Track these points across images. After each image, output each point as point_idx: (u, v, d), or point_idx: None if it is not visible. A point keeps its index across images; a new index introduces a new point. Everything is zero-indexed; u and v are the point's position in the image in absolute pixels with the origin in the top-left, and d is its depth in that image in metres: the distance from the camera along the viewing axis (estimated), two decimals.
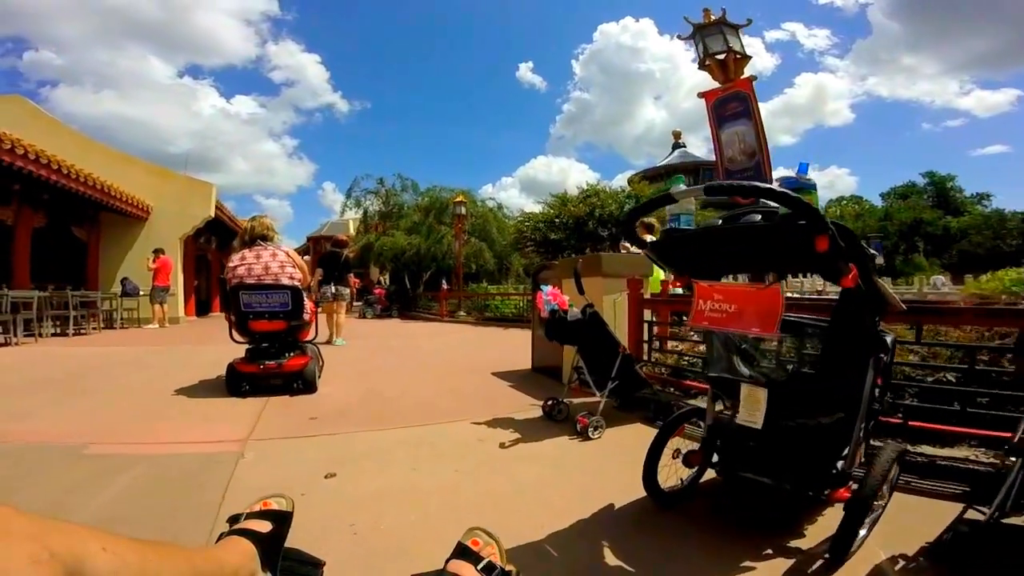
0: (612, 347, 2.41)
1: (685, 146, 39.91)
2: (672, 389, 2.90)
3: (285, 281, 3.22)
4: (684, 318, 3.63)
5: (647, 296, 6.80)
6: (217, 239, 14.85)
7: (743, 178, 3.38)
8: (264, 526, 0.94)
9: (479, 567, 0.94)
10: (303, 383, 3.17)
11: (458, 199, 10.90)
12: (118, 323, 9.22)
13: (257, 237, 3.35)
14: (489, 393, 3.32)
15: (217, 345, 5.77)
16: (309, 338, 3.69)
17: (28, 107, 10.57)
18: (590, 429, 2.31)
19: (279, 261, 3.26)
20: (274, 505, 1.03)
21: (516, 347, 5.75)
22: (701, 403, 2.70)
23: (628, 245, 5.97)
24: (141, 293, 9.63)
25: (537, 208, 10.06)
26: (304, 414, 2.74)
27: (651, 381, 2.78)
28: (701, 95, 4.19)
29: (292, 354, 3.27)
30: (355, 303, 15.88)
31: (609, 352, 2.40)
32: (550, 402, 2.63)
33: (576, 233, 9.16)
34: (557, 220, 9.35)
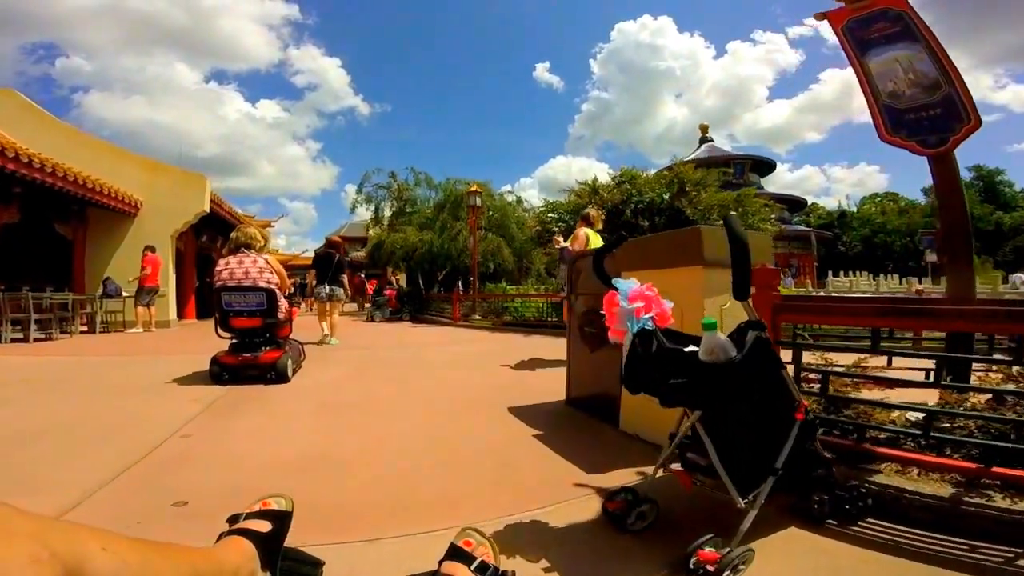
0: (785, 408, 1.14)
1: (713, 140, 38.11)
2: (829, 454, 1.62)
3: (261, 284, 3.56)
4: (800, 333, 2.35)
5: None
6: (222, 238, 14.02)
7: (926, 119, 2.12)
8: (264, 526, 0.91)
9: (472, 567, 0.93)
10: (276, 374, 3.46)
11: (472, 189, 9.68)
12: (99, 327, 8.33)
13: (241, 245, 3.69)
14: (503, 454, 2.07)
15: (186, 356, 4.85)
16: (287, 335, 3.93)
17: (18, 100, 9.89)
18: (727, 574, 1.05)
19: (258, 267, 3.60)
20: (273, 505, 1.00)
21: (541, 363, 4.50)
22: (911, 484, 1.41)
23: (560, 239, 4.81)
24: (125, 294, 8.75)
25: (563, 197, 8.75)
26: (177, 491, 1.57)
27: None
28: (820, 16, 2.86)
29: (267, 348, 3.59)
30: (366, 305, 14.97)
31: (778, 418, 1.13)
32: (621, 497, 1.38)
33: (609, 223, 7.84)
34: (586, 210, 8.07)
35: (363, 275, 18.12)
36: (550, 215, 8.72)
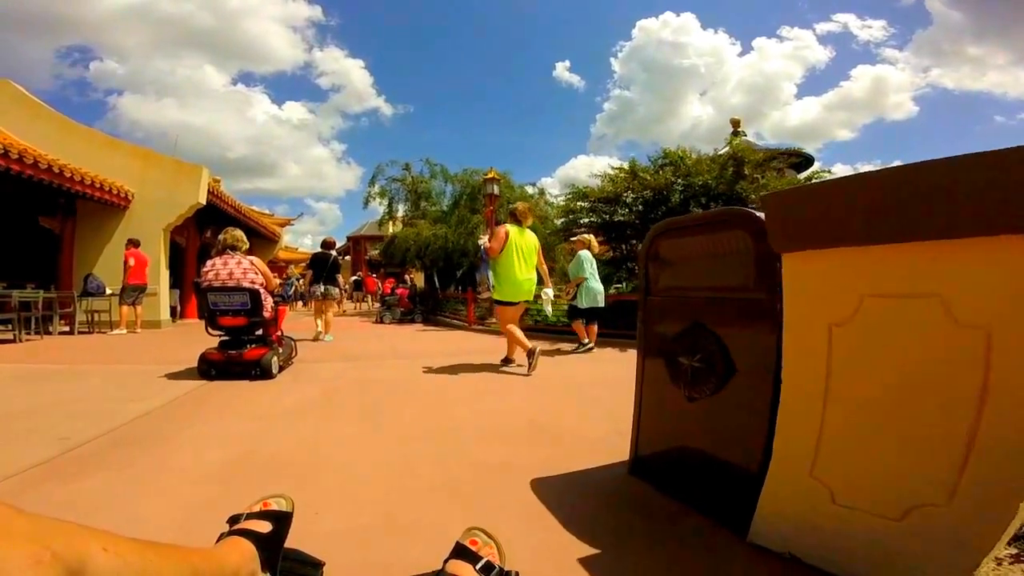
0: None
1: (745, 134, 36.23)
2: None
3: (246, 284, 3.69)
4: None
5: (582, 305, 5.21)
6: None
7: None
8: (264, 526, 0.90)
9: (478, 567, 0.91)
10: (260, 370, 3.56)
11: (489, 175, 8.58)
12: (78, 327, 7.58)
13: (227, 247, 3.83)
14: None
15: (146, 366, 4.13)
16: (277, 332, 4.02)
17: (12, 91, 9.29)
18: None
19: (242, 268, 3.74)
20: (274, 505, 0.99)
21: (576, 387, 3.36)
22: None
23: (484, 238, 4.45)
24: (109, 292, 7.98)
25: (595, 183, 7.48)
26: None
27: None
28: None
29: (253, 346, 3.69)
30: (374, 304, 14.07)
31: None
32: None
33: (655, 210, 6.64)
34: (626, 195, 6.86)
35: (375, 275, 17.25)
36: (579, 204, 7.52)
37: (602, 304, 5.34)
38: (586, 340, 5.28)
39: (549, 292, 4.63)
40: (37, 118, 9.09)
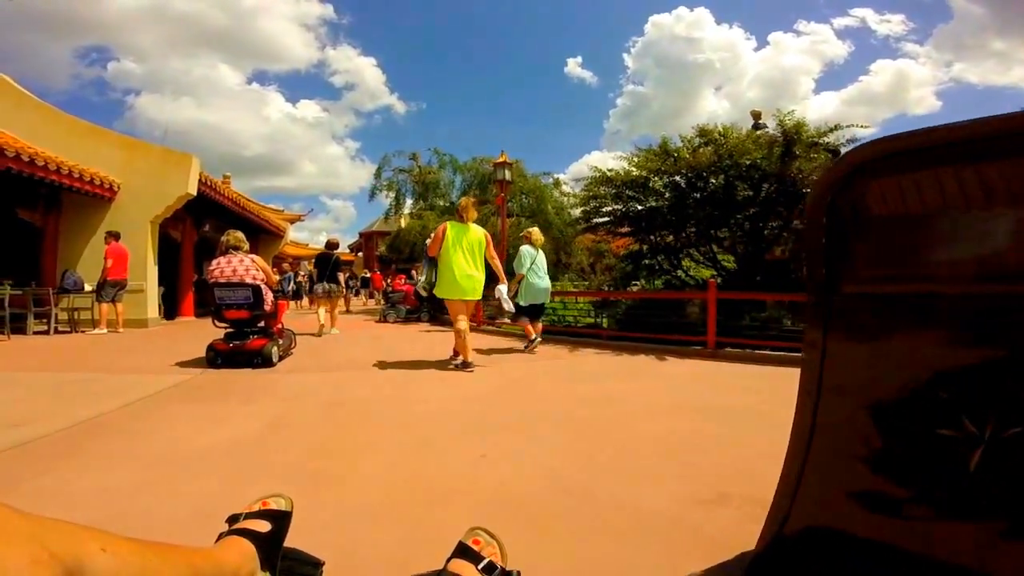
0: None
1: (767, 127, 34.85)
2: None
3: (248, 280, 3.99)
4: None
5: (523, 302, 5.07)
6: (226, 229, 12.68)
7: None
8: (263, 526, 0.89)
9: (480, 567, 0.89)
10: (261, 359, 3.86)
11: (500, 160, 7.75)
12: (55, 326, 7.00)
13: (230, 247, 4.15)
14: None
15: (90, 373, 3.48)
16: (278, 326, 4.40)
17: None
18: None
19: (244, 266, 4.05)
20: (273, 505, 0.97)
21: (615, 412, 2.51)
22: None
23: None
24: (88, 289, 7.40)
25: (620, 164, 6.55)
26: None
27: None
28: None
29: (255, 336, 4.00)
30: (378, 302, 13.38)
31: None
32: None
33: (689, 196, 5.76)
34: (655, 179, 5.98)
35: (381, 271, 16.59)
36: (602, 189, 6.65)
37: (542, 301, 5.19)
38: (534, 337, 5.05)
39: (503, 289, 4.35)
40: (19, 107, 8.56)
